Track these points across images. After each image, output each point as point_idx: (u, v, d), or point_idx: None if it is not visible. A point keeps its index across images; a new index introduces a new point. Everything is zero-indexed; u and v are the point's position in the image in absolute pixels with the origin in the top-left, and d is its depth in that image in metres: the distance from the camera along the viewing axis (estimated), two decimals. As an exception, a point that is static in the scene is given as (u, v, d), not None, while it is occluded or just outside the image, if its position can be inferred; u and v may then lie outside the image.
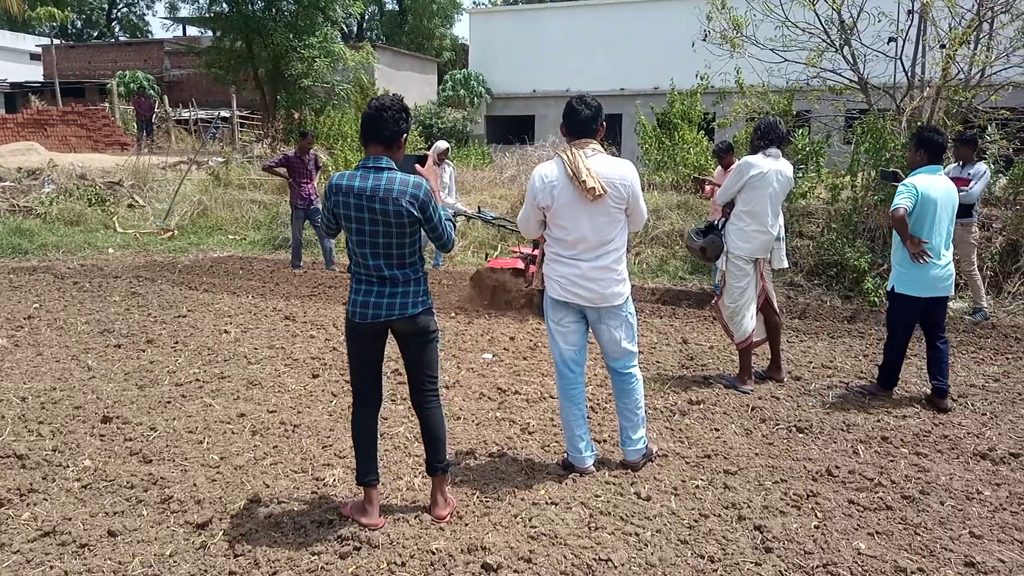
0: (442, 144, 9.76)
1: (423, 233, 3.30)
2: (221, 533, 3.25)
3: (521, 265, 7.71)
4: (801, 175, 9.91)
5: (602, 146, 3.75)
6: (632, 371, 3.91)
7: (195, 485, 3.71)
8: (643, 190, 3.99)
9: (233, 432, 4.42)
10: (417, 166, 3.39)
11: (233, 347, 6.20)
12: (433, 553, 3.06)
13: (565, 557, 3.03)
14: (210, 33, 22.66)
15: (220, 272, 9.93)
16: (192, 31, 35.58)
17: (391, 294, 3.23)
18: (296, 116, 19.43)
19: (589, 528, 3.29)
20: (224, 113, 24.72)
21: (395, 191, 3.10)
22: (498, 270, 7.96)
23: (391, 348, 3.46)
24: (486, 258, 10.29)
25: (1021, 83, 9.60)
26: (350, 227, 3.17)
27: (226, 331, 6.69)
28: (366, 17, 40.14)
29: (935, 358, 5.01)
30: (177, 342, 6.34)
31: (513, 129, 21.40)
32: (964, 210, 7.23)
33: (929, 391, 5.09)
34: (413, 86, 27.66)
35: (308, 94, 19.75)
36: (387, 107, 3.14)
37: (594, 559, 3.01)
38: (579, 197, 3.54)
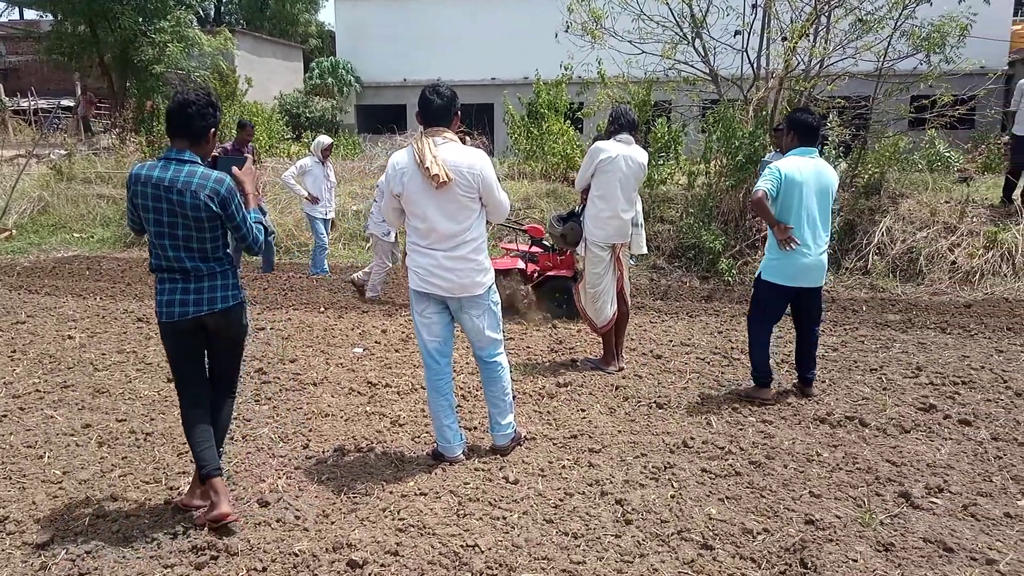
0: (325, 139, 9.22)
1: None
2: (63, 553, 3.03)
3: (522, 265, 7.23)
4: (661, 163, 10.37)
5: (472, 135, 3.78)
6: (498, 359, 3.94)
7: (34, 503, 3.44)
8: (514, 179, 4.05)
9: (77, 445, 4.12)
10: (235, 168, 3.29)
11: (78, 353, 5.77)
12: (296, 555, 2.98)
13: (433, 547, 3.03)
14: (50, 16, 20.79)
15: (64, 273, 9.21)
16: (30, 14, 32.52)
17: (196, 289, 3.17)
18: (148, 105, 18.22)
19: (458, 515, 3.31)
20: (66, 102, 22.82)
21: (194, 184, 3.05)
22: (499, 272, 7.58)
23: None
24: None
25: (855, 73, 10.42)
26: (148, 217, 3.10)
27: (70, 336, 6.22)
28: (224, 1, 38.18)
29: (806, 349, 4.88)
30: (15, 351, 5.84)
31: (385, 119, 21.01)
32: None
33: (796, 380, 5.02)
34: (277, 73, 26.59)
35: (161, 81, 18.56)
36: (192, 102, 3.08)
37: (461, 546, 3.04)
38: (428, 185, 3.55)
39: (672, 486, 3.61)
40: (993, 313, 7.25)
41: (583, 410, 4.71)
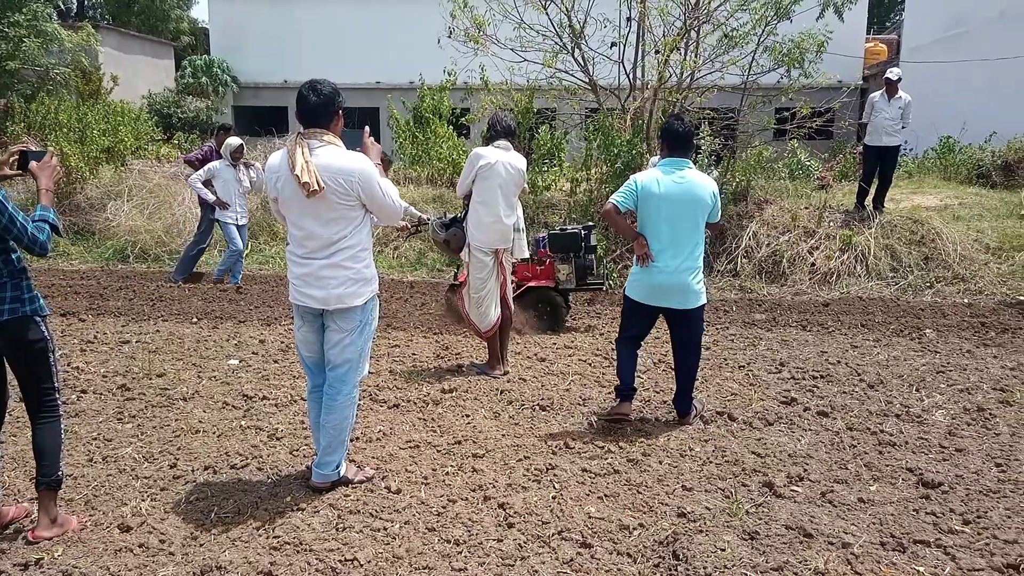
0: (235, 141, 8.69)
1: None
2: None
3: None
4: (545, 169, 10.58)
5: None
6: (347, 390, 3.54)
7: None
8: (400, 184, 3.93)
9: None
10: (33, 163, 3.09)
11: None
12: (161, 581, 2.81)
13: (309, 563, 2.93)
14: None
15: None
16: None
17: None
18: (2, 103, 16.78)
19: (337, 529, 3.22)
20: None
21: None
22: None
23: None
24: (455, 273, 9.15)
25: (723, 86, 11.00)
26: None
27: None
28: (87, -7, 35.79)
29: (679, 383, 4.50)
30: None
31: (265, 120, 20.28)
32: None
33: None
34: (146, 71, 25.15)
35: (16, 79, 17.15)
36: None
37: (339, 560, 2.96)
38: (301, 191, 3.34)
39: (554, 487, 3.67)
40: (848, 311, 7.82)
41: (468, 415, 4.71)
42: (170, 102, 22.36)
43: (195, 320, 7.04)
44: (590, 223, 7.30)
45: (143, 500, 3.49)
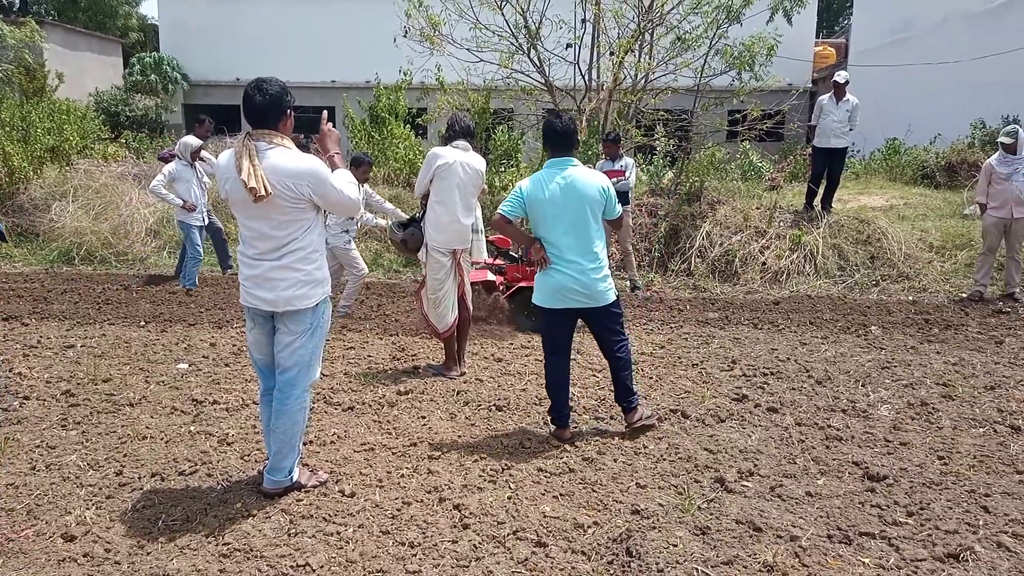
0: (192, 140, 8.48)
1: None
2: None
3: (492, 276, 6.93)
4: (503, 170, 10.59)
5: (311, 141, 3.53)
6: (297, 394, 3.46)
7: None
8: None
9: None
10: None
11: None
12: (105, 592, 2.74)
13: (260, 570, 2.89)
14: None
15: None
16: None
17: None
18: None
19: (289, 535, 3.18)
20: None
21: None
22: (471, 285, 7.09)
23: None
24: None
25: (677, 88, 11.16)
26: None
27: None
28: (30, -13, 34.64)
29: (615, 377, 4.36)
30: None
31: (217, 119, 19.91)
32: (621, 197, 8.28)
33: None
34: (93, 68, 24.49)
35: (-46, 76, 16.58)
36: None
37: (291, 566, 2.92)
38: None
39: (509, 487, 3.67)
40: (798, 309, 7.99)
41: (424, 417, 4.68)
42: (118, 100, 21.81)
43: (143, 324, 6.88)
44: None
45: (88, 509, 3.39)
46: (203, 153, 8.52)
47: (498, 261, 7.33)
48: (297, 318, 3.41)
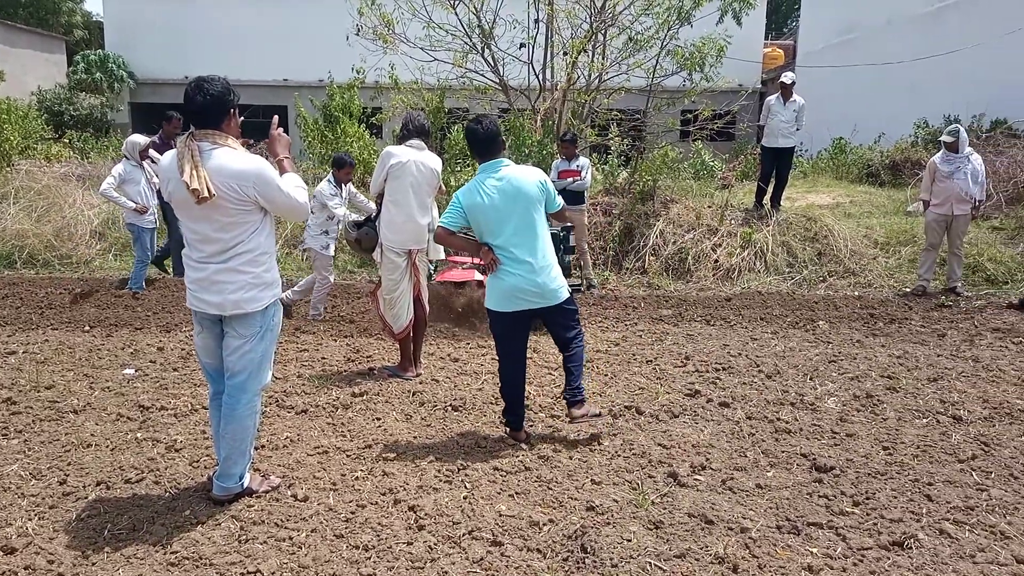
0: (140, 139, 8.28)
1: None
2: None
3: (480, 276, 6.74)
4: (459, 169, 10.56)
5: (253, 145, 3.46)
6: (246, 395, 3.40)
7: None
8: (310, 184, 3.78)
9: None
10: None
11: None
12: (46, 606, 2.66)
13: (209, 578, 2.83)
14: None
15: None
16: None
17: None
18: None
19: (239, 541, 3.12)
20: None
21: None
22: (459, 285, 6.97)
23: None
24: (430, 275, 8.56)
25: (630, 88, 11.28)
26: None
27: None
28: (-34, -18, 33.37)
29: (566, 370, 4.28)
30: None
31: (164, 118, 19.49)
32: (577, 197, 8.36)
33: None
34: (35, 66, 23.70)
35: None
36: None
37: (241, 573, 2.87)
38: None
39: (465, 487, 3.66)
40: (749, 305, 8.14)
41: (379, 419, 4.65)
42: (61, 99, 21.17)
43: (87, 328, 6.69)
44: (568, 224, 7.29)
45: (30, 520, 3.28)
46: (151, 153, 8.30)
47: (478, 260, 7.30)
48: (246, 321, 3.35)
